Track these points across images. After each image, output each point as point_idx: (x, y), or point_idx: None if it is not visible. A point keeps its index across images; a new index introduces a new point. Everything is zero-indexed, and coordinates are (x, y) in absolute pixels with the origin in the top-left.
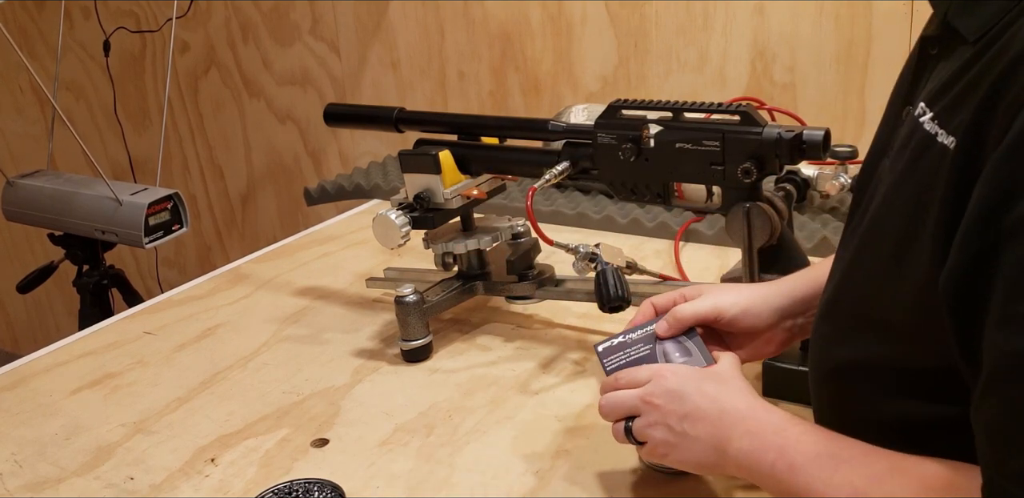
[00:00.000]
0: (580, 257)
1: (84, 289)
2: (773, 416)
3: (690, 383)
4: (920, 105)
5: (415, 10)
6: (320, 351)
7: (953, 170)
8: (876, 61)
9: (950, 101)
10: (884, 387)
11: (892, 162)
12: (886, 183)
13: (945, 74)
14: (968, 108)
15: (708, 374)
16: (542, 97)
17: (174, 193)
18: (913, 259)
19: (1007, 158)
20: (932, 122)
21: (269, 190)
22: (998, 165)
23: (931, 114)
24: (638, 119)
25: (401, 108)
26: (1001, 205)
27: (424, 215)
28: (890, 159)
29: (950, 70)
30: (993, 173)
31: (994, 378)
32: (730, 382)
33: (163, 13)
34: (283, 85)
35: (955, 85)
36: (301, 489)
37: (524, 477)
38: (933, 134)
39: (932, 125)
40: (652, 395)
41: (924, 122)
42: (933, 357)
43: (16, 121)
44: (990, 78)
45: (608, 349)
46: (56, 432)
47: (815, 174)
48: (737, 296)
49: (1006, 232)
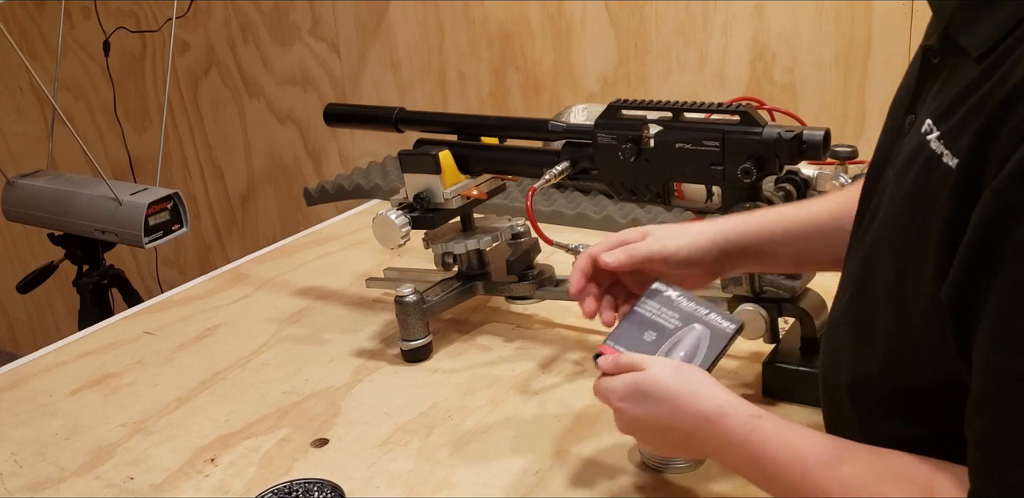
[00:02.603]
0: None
1: (84, 289)
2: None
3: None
4: (927, 122)
5: (415, 10)
6: (320, 351)
7: (955, 192)
8: (876, 61)
9: (956, 123)
10: (880, 405)
11: (898, 175)
12: (891, 197)
13: (951, 91)
14: (971, 132)
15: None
16: (542, 97)
17: (174, 193)
18: (916, 277)
19: (1006, 185)
20: (938, 142)
21: (269, 190)
22: (997, 191)
23: (938, 133)
24: (638, 119)
25: (401, 108)
26: (999, 230)
27: (424, 215)
28: (895, 169)
29: (956, 87)
30: (992, 198)
31: (983, 396)
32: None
33: (163, 13)
34: (283, 85)
35: (961, 106)
36: (301, 489)
37: (524, 477)
38: (939, 154)
39: (938, 145)
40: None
41: (931, 141)
42: (931, 376)
43: (16, 121)
44: (992, 103)
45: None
46: (56, 432)
47: (815, 174)
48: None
49: (1002, 256)
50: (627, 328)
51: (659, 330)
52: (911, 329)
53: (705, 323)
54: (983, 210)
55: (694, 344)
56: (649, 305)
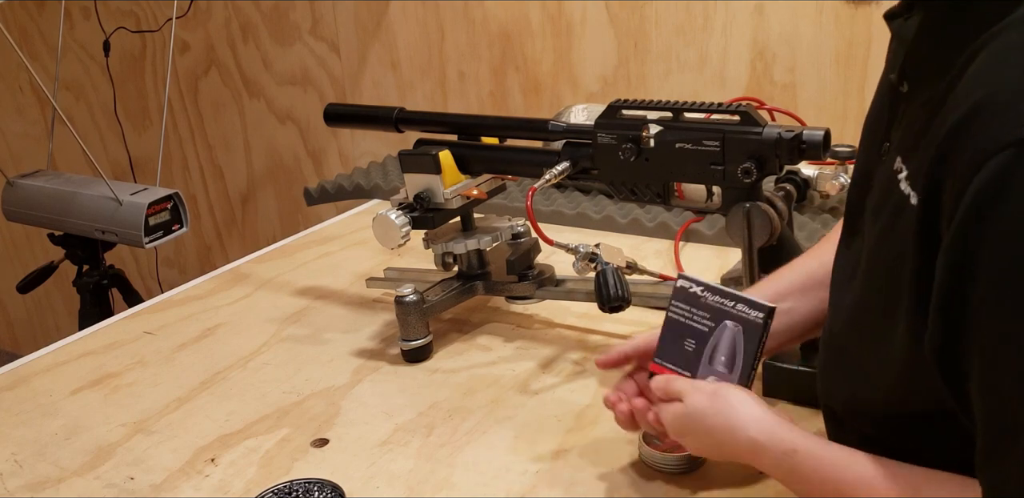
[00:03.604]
0: (580, 257)
1: (84, 289)
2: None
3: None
4: (898, 159)
5: (415, 10)
6: (320, 351)
7: (919, 232)
8: (876, 61)
9: (916, 161)
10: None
11: (874, 215)
12: (868, 237)
13: (915, 125)
14: (925, 170)
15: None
16: (542, 97)
17: (174, 193)
18: (897, 321)
19: (960, 237)
20: (906, 182)
21: (269, 190)
22: (953, 241)
23: (906, 172)
24: (638, 119)
25: (401, 108)
26: (966, 280)
27: (424, 215)
28: (871, 209)
29: (918, 122)
30: (951, 247)
31: (991, 450)
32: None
33: (163, 13)
34: (283, 85)
35: (920, 142)
36: (301, 489)
37: (524, 477)
38: (907, 195)
39: (906, 185)
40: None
41: (900, 180)
42: (927, 406)
43: (16, 121)
44: (937, 141)
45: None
46: (56, 432)
47: (815, 174)
48: None
49: (975, 304)
50: (667, 339)
51: (696, 336)
52: (902, 369)
53: (735, 317)
54: (945, 256)
55: (731, 346)
56: (679, 308)
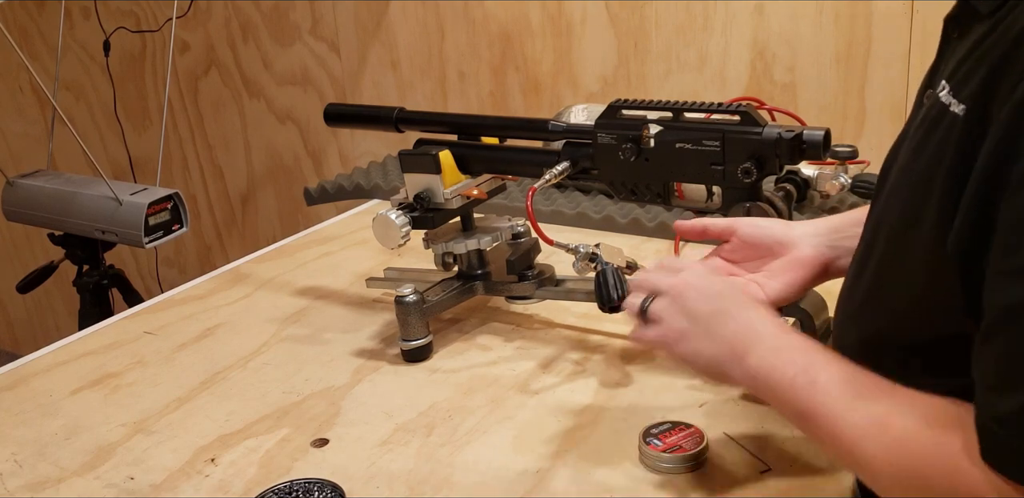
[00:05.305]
0: (580, 257)
1: (84, 289)
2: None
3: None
4: (942, 83)
5: (415, 10)
6: (320, 351)
7: (961, 135)
8: (876, 61)
9: (963, 74)
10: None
11: (909, 139)
12: (904, 153)
13: (962, 51)
14: (976, 80)
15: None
16: (542, 97)
17: (174, 193)
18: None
19: (1011, 119)
20: (948, 95)
21: (269, 190)
22: (1003, 125)
23: (948, 88)
24: (638, 119)
25: (401, 108)
26: (1004, 162)
27: (424, 215)
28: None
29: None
30: (998, 133)
31: (991, 329)
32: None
33: (163, 13)
34: (283, 85)
35: (969, 59)
36: (301, 489)
37: (524, 477)
38: (947, 104)
39: (947, 96)
40: (688, 286)
41: (942, 96)
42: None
43: (16, 121)
44: (998, 50)
45: None
46: (56, 432)
47: (815, 174)
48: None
49: (1007, 186)
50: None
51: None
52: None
53: None
54: (989, 144)
55: None
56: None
